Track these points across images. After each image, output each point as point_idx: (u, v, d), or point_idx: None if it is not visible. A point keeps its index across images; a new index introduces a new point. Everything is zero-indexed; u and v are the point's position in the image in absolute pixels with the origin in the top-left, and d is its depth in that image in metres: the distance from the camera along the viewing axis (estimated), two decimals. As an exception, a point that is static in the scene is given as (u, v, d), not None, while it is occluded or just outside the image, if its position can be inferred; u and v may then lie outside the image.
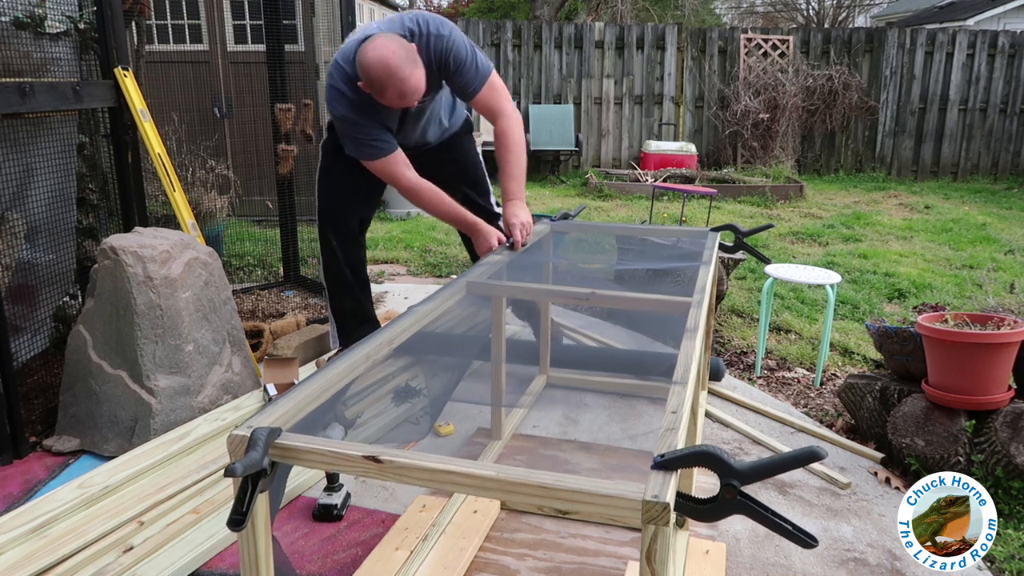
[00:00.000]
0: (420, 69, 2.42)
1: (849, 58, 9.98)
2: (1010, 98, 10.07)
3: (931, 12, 16.20)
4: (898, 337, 2.81)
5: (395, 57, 2.34)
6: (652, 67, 9.94)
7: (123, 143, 3.21)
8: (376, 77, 2.36)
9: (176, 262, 2.71)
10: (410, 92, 2.40)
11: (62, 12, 3.02)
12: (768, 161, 9.58)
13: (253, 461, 1.16)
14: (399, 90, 2.38)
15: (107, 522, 2.12)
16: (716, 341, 3.89)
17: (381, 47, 2.35)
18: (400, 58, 2.35)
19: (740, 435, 2.91)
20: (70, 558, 2.00)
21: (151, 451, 2.44)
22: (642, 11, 17.24)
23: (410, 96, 2.42)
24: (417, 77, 2.40)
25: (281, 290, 4.60)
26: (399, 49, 2.37)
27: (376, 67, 2.35)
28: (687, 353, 1.64)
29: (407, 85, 2.37)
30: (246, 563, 1.25)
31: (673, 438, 1.23)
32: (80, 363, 2.69)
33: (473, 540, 2.15)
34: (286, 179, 4.45)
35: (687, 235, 3.28)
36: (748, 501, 1.12)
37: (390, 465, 1.19)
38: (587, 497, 1.10)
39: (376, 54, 2.34)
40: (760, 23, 23.24)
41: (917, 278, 5.04)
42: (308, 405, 1.41)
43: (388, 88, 2.38)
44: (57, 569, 1.96)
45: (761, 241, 6.11)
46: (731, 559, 2.16)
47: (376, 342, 1.67)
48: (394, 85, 2.37)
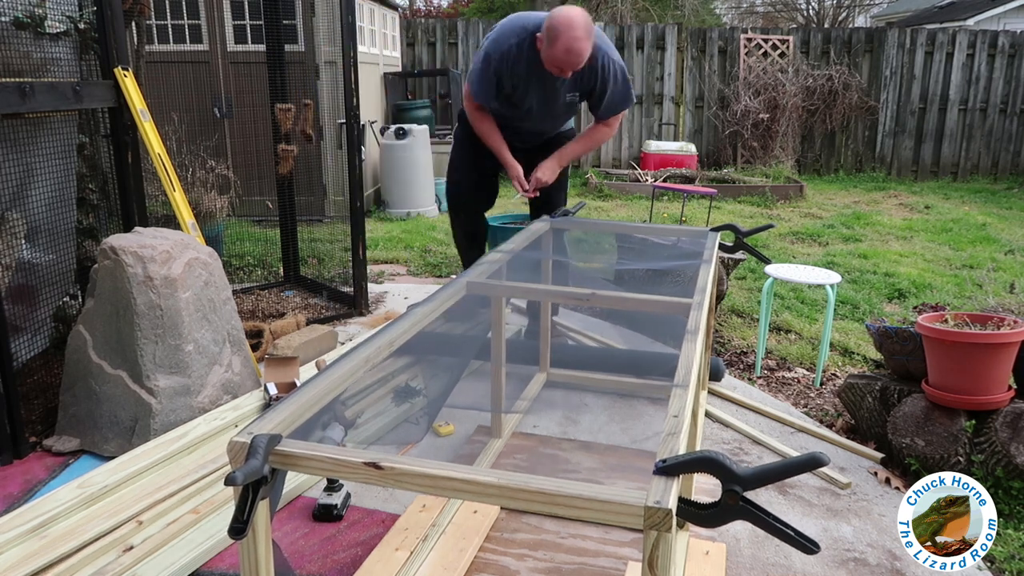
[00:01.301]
0: (590, 43, 2.85)
1: (849, 58, 9.98)
2: (1010, 98, 10.06)
3: (931, 12, 16.19)
4: (898, 337, 2.81)
5: (582, 20, 2.82)
6: (652, 67, 9.94)
7: (123, 143, 3.21)
8: (560, 24, 2.80)
9: (176, 262, 2.70)
10: (575, 52, 2.82)
11: (62, 12, 3.01)
12: (768, 161, 9.58)
13: (253, 469, 1.15)
14: (568, 45, 2.80)
15: (107, 522, 2.12)
16: (716, 341, 3.89)
17: (576, 11, 2.84)
18: (584, 23, 2.82)
19: (740, 435, 2.91)
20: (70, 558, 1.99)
21: (151, 451, 2.44)
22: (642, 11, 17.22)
23: (573, 56, 2.83)
24: (586, 46, 2.83)
25: (281, 290, 4.60)
26: (584, 18, 2.84)
27: (563, 18, 2.80)
28: (688, 355, 1.63)
29: (577, 44, 2.81)
30: (246, 568, 1.25)
31: (675, 443, 1.23)
32: (80, 363, 2.69)
33: (473, 540, 2.15)
34: (286, 179, 4.45)
35: (687, 235, 3.28)
36: (750, 507, 1.11)
37: (391, 472, 1.19)
38: (588, 503, 1.10)
39: (570, 11, 2.83)
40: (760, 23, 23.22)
41: (917, 278, 5.04)
42: (308, 410, 1.41)
43: (561, 37, 2.80)
44: (57, 569, 1.95)
45: (761, 241, 6.11)
46: (731, 559, 2.16)
47: (376, 344, 1.67)
48: (568, 39, 2.80)
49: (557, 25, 2.81)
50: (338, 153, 6.26)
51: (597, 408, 3.11)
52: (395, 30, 9.13)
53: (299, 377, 2.96)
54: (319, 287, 4.55)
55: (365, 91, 6.78)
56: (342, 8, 3.82)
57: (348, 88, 3.87)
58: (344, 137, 4.09)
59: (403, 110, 8.34)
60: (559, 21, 2.80)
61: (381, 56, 8.31)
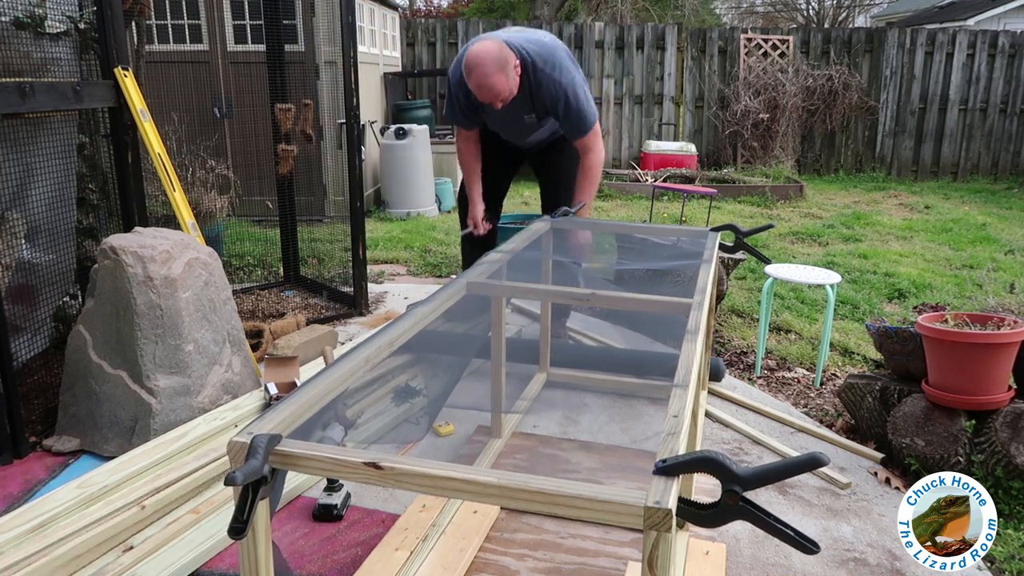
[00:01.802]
0: (503, 76, 2.89)
1: (849, 58, 9.98)
2: (1010, 98, 10.07)
3: (931, 12, 16.19)
4: (898, 337, 2.81)
5: (489, 56, 2.86)
6: (652, 67, 9.94)
7: (123, 143, 3.21)
8: (469, 62, 2.89)
9: (176, 262, 2.70)
10: (486, 88, 2.89)
11: (62, 12, 3.01)
12: (768, 161, 9.58)
13: (253, 469, 1.15)
14: (477, 81, 2.89)
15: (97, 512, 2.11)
16: (716, 341, 3.89)
17: (481, 45, 2.89)
18: (494, 58, 2.86)
19: (740, 435, 2.91)
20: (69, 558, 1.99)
21: (151, 451, 2.44)
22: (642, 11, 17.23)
23: (485, 91, 2.90)
24: (496, 80, 2.87)
25: (281, 290, 4.60)
26: (494, 52, 2.87)
27: (472, 55, 2.88)
28: (688, 355, 1.63)
29: (486, 80, 2.87)
30: (246, 568, 1.25)
31: (675, 443, 1.23)
32: (80, 363, 2.69)
33: (473, 540, 2.15)
34: (286, 179, 4.45)
35: (687, 235, 3.28)
36: (750, 507, 1.11)
37: (391, 472, 1.19)
38: (588, 503, 1.10)
39: (480, 48, 2.88)
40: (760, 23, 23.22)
41: (917, 278, 5.04)
42: (308, 410, 1.40)
43: (472, 74, 2.89)
44: (57, 569, 1.95)
45: (761, 241, 6.11)
46: (731, 559, 2.16)
47: (376, 344, 1.67)
48: (477, 76, 2.87)
49: (467, 62, 2.90)
50: (338, 153, 6.26)
51: (597, 408, 3.11)
52: (395, 30, 9.13)
53: (299, 377, 2.96)
54: (319, 287, 4.55)
55: (365, 91, 6.78)
56: (342, 8, 3.82)
57: (348, 88, 3.87)
58: (344, 137, 4.09)
59: (403, 110, 8.34)
60: (468, 58, 2.89)
61: (381, 56, 8.31)
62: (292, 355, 3.14)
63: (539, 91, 3.08)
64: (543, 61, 3.03)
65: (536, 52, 3.05)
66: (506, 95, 2.95)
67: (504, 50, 2.90)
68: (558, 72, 3.06)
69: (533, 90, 3.08)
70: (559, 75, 3.06)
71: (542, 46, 3.08)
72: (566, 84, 3.07)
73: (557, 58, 3.08)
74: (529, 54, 3.03)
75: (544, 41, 3.12)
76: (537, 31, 3.28)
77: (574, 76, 3.11)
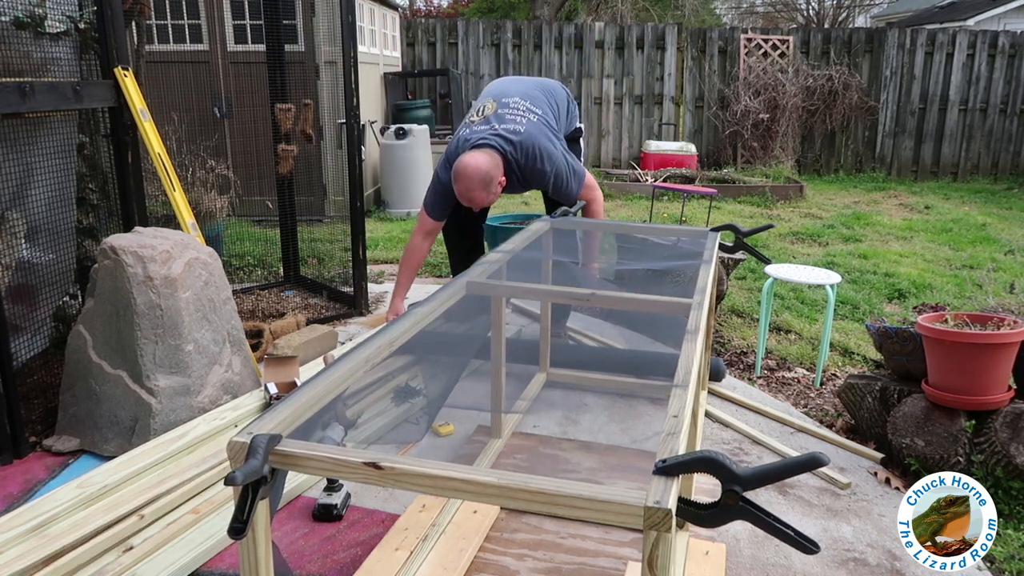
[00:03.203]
0: (485, 193, 3.20)
1: (849, 58, 9.98)
2: (1010, 98, 10.06)
3: (931, 12, 16.19)
4: (898, 337, 2.81)
5: (476, 175, 3.14)
6: (652, 67, 9.94)
7: (123, 143, 3.21)
8: (455, 172, 3.18)
9: (176, 262, 2.70)
10: (467, 199, 3.22)
11: (62, 12, 3.01)
12: (768, 161, 9.58)
13: (253, 469, 1.15)
14: (460, 191, 3.20)
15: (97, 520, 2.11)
16: (716, 341, 3.89)
17: (473, 160, 3.15)
18: (478, 177, 3.14)
19: (740, 435, 2.91)
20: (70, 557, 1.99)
21: (150, 451, 2.44)
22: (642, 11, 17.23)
23: (467, 201, 3.24)
24: (479, 195, 3.19)
25: (281, 290, 4.60)
26: (483, 170, 3.15)
27: (460, 169, 3.16)
28: (688, 355, 1.63)
29: (468, 193, 3.20)
30: (246, 568, 1.25)
31: (675, 443, 1.22)
32: (80, 363, 2.68)
33: (473, 540, 2.15)
34: (286, 179, 4.45)
35: (687, 235, 3.28)
36: (750, 507, 1.11)
37: (391, 472, 1.18)
38: (588, 503, 1.10)
39: (468, 164, 3.15)
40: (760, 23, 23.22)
41: (917, 278, 5.04)
42: (308, 410, 1.40)
43: (457, 183, 3.19)
44: (57, 569, 1.95)
45: (761, 241, 6.11)
46: (731, 559, 2.16)
47: (376, 344, 1.67)
48: (461, 188, 3.19)
49: (457, 171, 3.17)
50: (338, 153, 6.26)
51: (597, 408, 3.11)
52: (395, 30, 9.13)
53: (299, 377, 2.96)
54: (319, 287, 4.55)
55: (365, 91, 6.78)
56: (342, 8, 3.82)
57: (348, 88, 3.87)
58: (344, 137, 4.09)
59: (403, 110, 8.34)
60: (458, 168, 3.16)
61: (381, 56, 8.31)
62: (292, 355, 3.14)
63: (528, 178, 3.35)
64: (526, 157, 3.27)
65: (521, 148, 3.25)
66: (483, 205, 3.30)
67: (492, 171, 3.18)
68: (541, 162, 3.28)
69: (521, 179, 3.35)
70: (543, 164, 3.29)
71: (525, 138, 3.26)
72: (549, 171, 3.31)
73: (539, 147, 3.28)
74: (513, 155, 3.26)
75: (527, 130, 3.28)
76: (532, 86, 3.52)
77: (556, 160, 3.32)
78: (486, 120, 3.34)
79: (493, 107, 3.38)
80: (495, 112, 3.36)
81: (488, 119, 3.33)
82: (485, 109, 3.40)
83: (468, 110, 3.60)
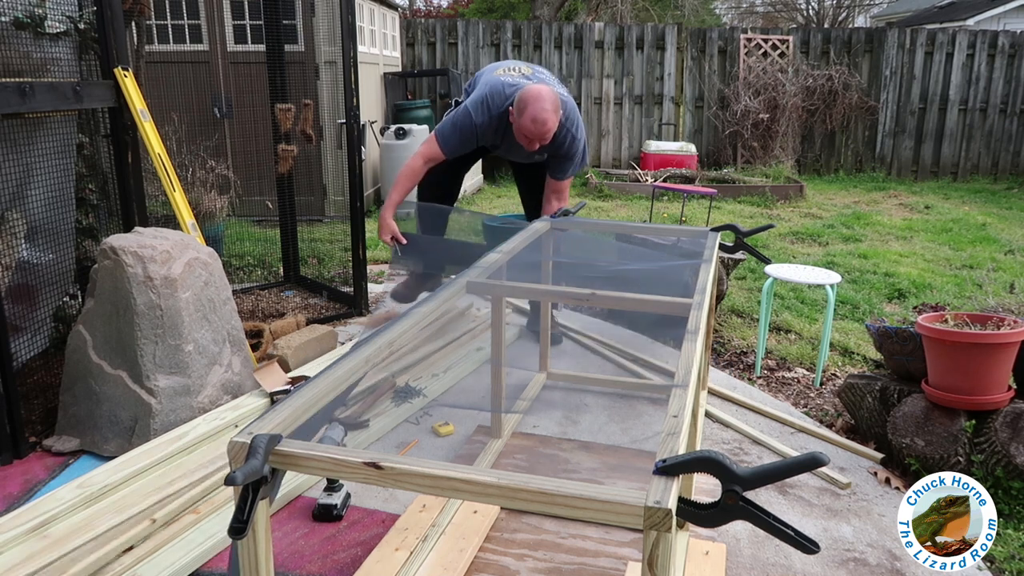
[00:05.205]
0: (557, 117, 3.09)
1: (849, 58, 9.98)
2: (1010, 98, 10.06)
3: (931, 12, 16.20)
4: (898, 337, 2.81)
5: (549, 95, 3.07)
6: (652, 67, 9.93)
7: (123, 143, 3.21)
8: (528, 96, 3.06)
9: (176, 262, 2.70)
10: (540, 121, 3.05)
11: (62, 12, 3.01)
12: (768, 161, 9.58)
13: (253, 469, 1.15)
14: (534, 114, 3.04)
15: (107, 522, 2.12)
16: (716, 341, 3.89)
17: (545, 89, 3.08)
18: (552, 98, 3.06)
19: (740, 435, 2.91)
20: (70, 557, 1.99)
21: (150, 451, 2.44)
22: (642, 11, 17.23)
23: (539, 125, 3.06)
24: (552, 117, 3.06)
25: (281, 290, 4.59)
26: (554, 96, 3.08)
27: (533, 90, 3.06)
28: (688, 355, 1.63)
29: (543, 114, 3.04)
30: (246, 568, 1.25)
31: (675, 443, 1.23)
32: (80, 363, 2.69)
33: (473, 541, 2.15)
34: (286, 179, 4.45)
35: (687, 235, 3.28)
36: (750, 507, 1.11)
37: (391, 472, 1.19)
38: (588, 503, 1.10)
39: (534, 86, 3.09)
40: (760, 23, 23.23)
41: (917, 278, 5.04)
42: (308, 410, 1.40)
43: (528, 108, 3.04)
44: (57, 569, 1.95)
45: (761, 241, 6.11)
46: (731, 559, 2.16)
47: (376, 344, 1.67)
48: (535, 110, 3.03)
49: (526, 97, 3.07)
50: (338, 153, 6.26)
51: (597, 408, 3.11)
52: (395, 30, 9.13)
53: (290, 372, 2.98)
54: (319, 287, 4.55)
55: (365, 91, 6.78)
56: (342, 8, 3.82)
57: (348, 88, 3.87)
58: (344, 137, 4.09)
59: (403, 110, 8.34)
60: (529, 93, 3.07)
61: (381, 56, 8.30)
62: (276, 355, 3.16)
63: (557, 135, 3.28)
64: (565, 117, 3.27)
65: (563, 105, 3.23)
66: (549, 137, 3.13)
67: (557, 96, 3.12)
68: (575, 128, 3.32)
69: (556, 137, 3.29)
70: (576, 131, 3.33)
71: (568, 99, 3.31)
72: (580, 140, 3.35)
73: (576, 114, 3.34)
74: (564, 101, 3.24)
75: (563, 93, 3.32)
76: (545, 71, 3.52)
77: (584, 136, 3.40)
78: (525, 77, 3.32)
79: (529, 69, 3.39)
80: (532, 73, 3.38)
81: (528, 77, 3.32)
82: (521, 68, 3.39)
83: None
